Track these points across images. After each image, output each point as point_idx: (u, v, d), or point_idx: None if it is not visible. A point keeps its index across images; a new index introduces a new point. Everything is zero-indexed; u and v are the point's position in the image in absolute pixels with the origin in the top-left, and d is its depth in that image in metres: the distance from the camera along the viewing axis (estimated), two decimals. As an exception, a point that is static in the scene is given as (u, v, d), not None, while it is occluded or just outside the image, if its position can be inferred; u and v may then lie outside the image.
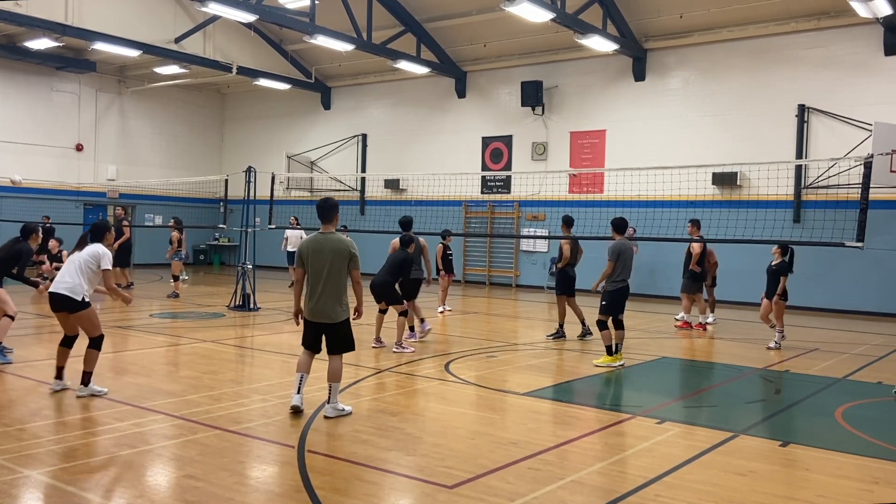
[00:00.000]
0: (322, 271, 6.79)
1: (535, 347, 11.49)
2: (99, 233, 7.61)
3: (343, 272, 6.86)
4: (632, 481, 5.27)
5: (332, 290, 6.81)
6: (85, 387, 7.33)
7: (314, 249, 6.84)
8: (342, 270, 6.85)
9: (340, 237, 6.94)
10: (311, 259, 6.84)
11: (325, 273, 6.78)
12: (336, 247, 6.82)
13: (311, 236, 7.02)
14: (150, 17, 22.01)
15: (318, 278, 6.80)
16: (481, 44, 22.33)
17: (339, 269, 6.82)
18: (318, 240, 6.89)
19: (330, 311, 6.84)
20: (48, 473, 5.11)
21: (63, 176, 25.06)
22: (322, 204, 7.01)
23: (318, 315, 6.87)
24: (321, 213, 6.98)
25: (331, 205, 7.01)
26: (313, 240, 6.92)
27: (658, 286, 19.08)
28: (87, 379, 7.35)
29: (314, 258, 6.82)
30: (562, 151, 21.73)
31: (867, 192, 10.01)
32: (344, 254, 6.82)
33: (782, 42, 18.39)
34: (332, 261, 6.79)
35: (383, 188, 24.95)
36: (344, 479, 5.21)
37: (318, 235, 6.95)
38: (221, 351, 10.32)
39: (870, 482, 5.47)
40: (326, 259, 6.78)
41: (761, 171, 17.59)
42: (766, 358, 10.90)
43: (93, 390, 7.34)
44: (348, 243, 6.89)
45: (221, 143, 30.08)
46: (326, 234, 6.92)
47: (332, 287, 6.80)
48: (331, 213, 6.98)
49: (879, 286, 16.98)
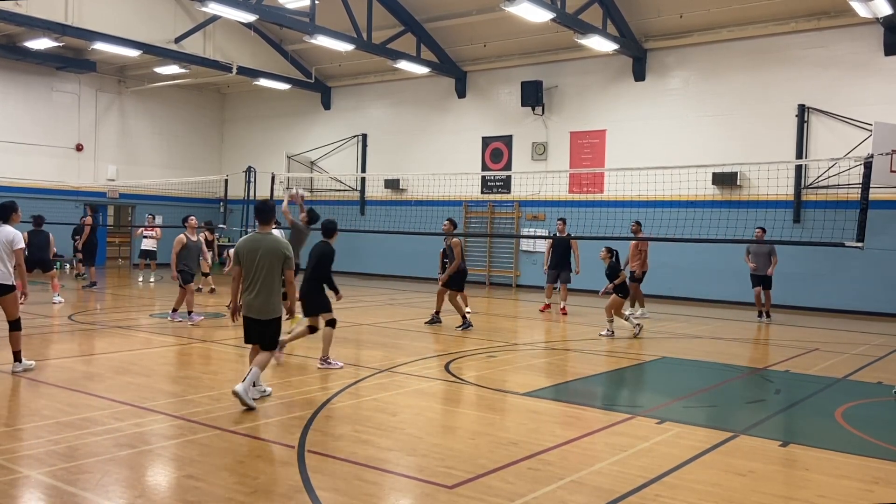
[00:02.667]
0: (255, 269, 7.09)
1: (535, 347, 11.49)
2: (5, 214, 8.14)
3: (277, 271, 7.14)
4: (632, 481, 5.27)
5: (264, 287, 7.09)
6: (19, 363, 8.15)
7: (250, 248, 7.15)
8: (276, 269, 7.13)
9: (276, 238, 7.25)
10: (247, 257, 7.14)
11: (258, 271, 7.09)
12: (271, 246, 7.12)
13: (247, 236, 7.36)
14: (150, 17, 22.00)
15: (251, 275, 7.11)
16: (481, 44, 22.33)
17: (273, 268, 7.11)
18: (255, 239, 7.21)
19: (262, 306, 7.11)
20: (48, 473, 5.11)
21: (63, 176, 25.07)
22: (260, 206, 7.35)
23: (251, 310, 7.16)
24: (259, 215, 7.31)
25: (269, 207, 7.39)
26: (250, 239, 7.25)
27: (658, 286, 19.05)
28: (18, 357, 8.16)
29: (249, 256, 7.12)
30: (562, 151, 21.73)
31: (867, 192, 10.03)
32: (278, 254, 7.11)
33: (782, 42, 18.39)
34: (266, 259, 7.08)
35: (383, 188, 24.95)
36: (344, 479, 5.21)
37: (254, 235, 7.28)
38: (221, 351, 10.32)
39: (870, 482, 5.47)
40: (261, 258, 7.08)
41: (761, 171, 17.60)
42: (766, 358, 10.90)
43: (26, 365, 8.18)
44: (284, 244, 7.18)
45: (221, 143, 30.08)
46: (263, 234, 7.22)
47: (264, 284, 7.09)
48: (268, 215, 7.32)
49: (879, 286, 16.98)
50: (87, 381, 8.05)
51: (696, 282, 18.84)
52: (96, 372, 8.60)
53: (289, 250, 7.17)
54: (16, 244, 8.01)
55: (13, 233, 8.06)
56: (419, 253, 22.48)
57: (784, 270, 18.04)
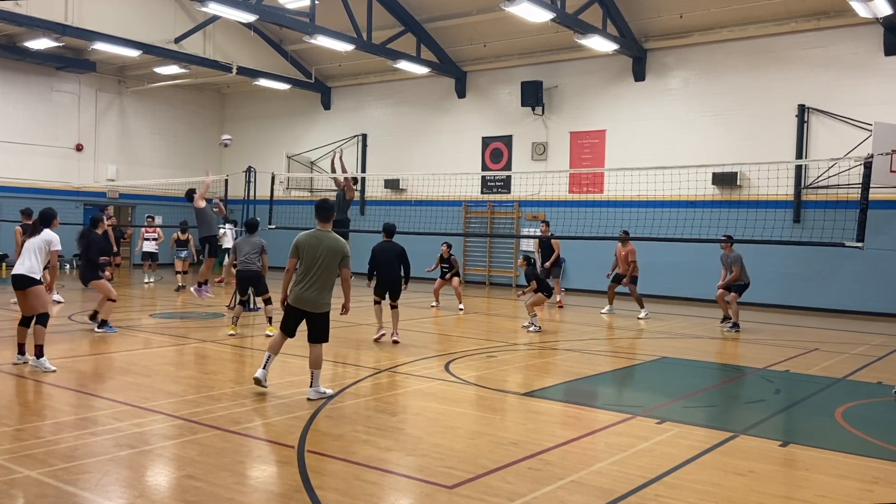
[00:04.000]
0: (315, 263, 7.35)
1: (534, 347, 11.49)
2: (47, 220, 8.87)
3: (334, 268, 7.42)
4: (632, 481, 5.27)
5: (321, 282, 7.37)
6: (37, 359, 8.34)
7: (311, 244, 7.41)
8: (333, 266, 7.40)
9: (337, 237, 7.54)
10: (308, 252, 7.39)
11: (317, 266, 7.34)
12: (332, 244, 7.41)
13: (309, 232, 7.58)
14: (150, 17, 22.01)
15: (310, 269, 7.37)
16: (481, 44, 22.33)
17: (331, 264, 7.38)
18: (317, 235, 7.48)
19: (316, 299, 7.38)
20: (48, 473, 5.11)
21: (63, 176, 25.08)
22: (321, 205, 7.63)
23: (303, 302, 7.40)
24: (320, 213, 7.59)
25: (329, 206, 7.63)
26: (311, 235, 7.51)
27: (658, 286, 19.06)
28: (40, 352, 8.35)
29: (310, 251, 7.38)
30: (562, 151, 21.73)
31: (867, 192, 10.02)
32: (338, 252, 7.41)
33: (782, 42, 18.39)
34: (326, 256, 7.36)
35: (383, 188, 24.95)
36: (344, 479, 5.21)
37: (316, 231, 7.53)
38: (221, 351, 10.32)
39: (870, 482, 5.47)
40: (321, 254, 7.35)
41: (761, 171, 17.60)
42: (766, 358, 10.90)
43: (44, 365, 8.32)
44: (344, 244, 7.50)
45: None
46: (324, 232, 7.51)
47: (321, 279, 7.37)
48: (328, 213, 7.58)
49: (879, 286, 16.98)
50: (87, 381, 8.05)
51: (696, 282, 18.83)
52: (96, 372, 8.60)
53: (348, 250, 7.49)
54: (53, 245, 8.69)
55: (52, 235, 8.79)
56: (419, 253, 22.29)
57: (784, 270, 18.09)
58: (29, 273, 8.50)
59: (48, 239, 8.71)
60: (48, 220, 8.94)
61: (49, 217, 8.99)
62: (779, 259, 17.98)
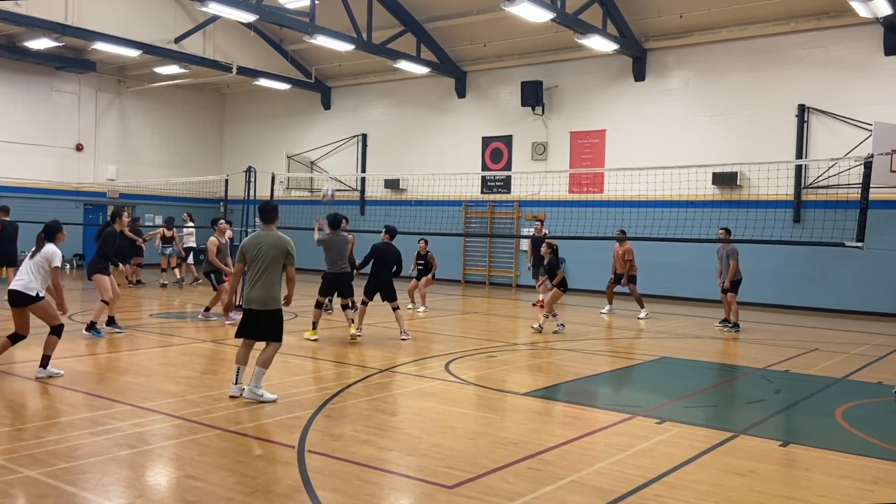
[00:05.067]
0: (257, 262, 7.36)
1: (535, 347, 11.49)
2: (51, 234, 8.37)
3: (278, 266, 7.39)
4: (632, 481, 5.27)
5: (265, 280, 7.34)
6: (44, 369, 8.08)
7: (252, 244, 7.47)
8: (277, 264, 7.37)
9: (280, 235, 7.51)
10: (249, 252, 7.44)
11: (259, 263, 7.35)
12: (273, 241, 7.41)
13: (253, 234, 7.68)
14: (150, 17, 22.01)
15: (253, 268, 7.39)
16: (481, 44, 22.33)
17: (274, 262, 7.36)
18: (258, 235, 7.55)
19: (262, 297, 7.33)
20: (48, 473, 5.11)
21: (63, 176, 25.07)
22: (262, 206, 7.67)
23: (250, 301, 7.40)
24: (262, 215, 7.61)
25: (271, 207, 7.66)
26: (253, 235, 7.60)
27: (658, 286, 19.06)
28: (45, 362, 8.09)
29: (252, 251, 7.42)
30: (562, 151, 21.73)
31: (867, 192, 10.03)
32: (280, 248, 7.38)
33: (782, 42, 18.38)
34: (267, 253, 7.35)
35: (383, 188, 24.95)
36: (344, 479, 5.21)
37: (258, 232, 7.61)
38: (221, 351, 10.32)
39: (870, 482, 5.47)
40: (262, 252, 7.37)
41: (761, 171, 17.60)
42: (766, 358, 10.90)
43: (51, 372, 8.09)
44: (286, 241, 7.46)
45: (221, 143, 30.09)
46: (266, 232, 7.53)
47: (265, 277, 7.34)
48: (269, 214, 7.60)
49: (879, 286, 16.98)
50: (87, 381, 8.05)
51: (696, 282, 18.83)
52: (96, 372, 8.60)
53: (291, 247, 7.43)
54: (53, 262, 8.16)
55: (54, 251, 8.26)
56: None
57: (784, 270, 18.09)
58: (24, 290, 7.94)
59: (48, 256, 8.14)
60: (52, 233, 8.40)
61: (53, 230, 8.43)
62: (779, 259, 17.98)
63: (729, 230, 13.95)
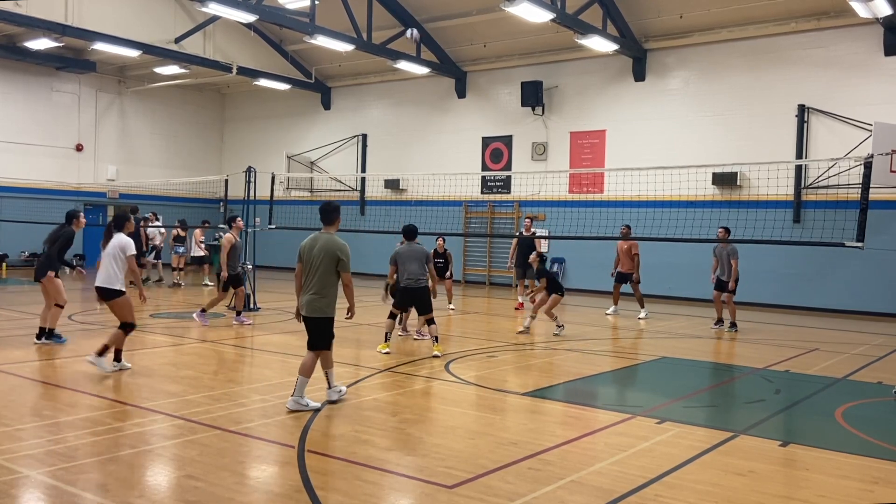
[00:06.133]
0: (311, 266, 7.15)
1: (535, 347, 11.49)
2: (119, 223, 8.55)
3: (331, 270, 7.12)
4: (632, 481, 5.27)
5: (318, 285, 7.10)
6: (98, 357, 8.26)
7: (308, 246, 7.22)
8: (330, 269, 7.12)
9: (334, 237, 7.24)
10: (305, 254, 7.21)
11: (313, 268, 7.14)
12: (325, 244, 7.14)
13: (311, 235, 7.35)
14: (150, 17, 22.01)
15: (307, 272, 7.18)
16: (481, 44, 22.33)
17: (328, 266, 7.11)
18: (314, 237, 7.27)
19: (312, 303, 7.12)
20: (48, 473, 5.11)
21: (63, 176, 25.08)
22: (322, 207, 7.40)
23: (302, 307, 7.20)
24: (322, 216, 7.36)
25: (331, 207, 7.39)
26: (310, 237, 7.30)
27: (658, 286, 19.06)
28: (102, 352, 8.28)
29: (307, 254, 7.19)
30: (562, 151, 21.73)
31: (867, 192, 10.01)
32: (331, 252, 7.11)
33: (782, 42, 18.39)
34: (320, 257, 7.10)
35: (383, 188, 24.96)
36: (344, 479, 5.21)
37: (316, 234, 7.31)
38: (221, 351, 10.32)
39: (870, 482, 5.47)
40: (316, 255, 7.12)
41: (761, 171, 17.60)
42: (766, 358, 10.90)
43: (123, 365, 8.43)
44: (339, 244, 7.16)
45: (221, 143, 30.09)
46: (322, 233, 7.28)
47: (318, 282, 7.10)
48: (329, 215, 7.34)
49: (879, 286, 16.98)
50: (87, 381, 8.04)
51: (696, 282, 18.80)
52: (96, 372, 8.59)
53: (345, 252, 7.13)
54: (127, 250, 8.38)
55: (125, 240, 8.45)
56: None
57: (784, 270, 18.09)
58: (107, 284, 8.30)
59: (122, 245, 8.36)
60: (120, 223, 8.55)
61: (121, 220, 8.58)
62: (779, 259, 17.98)
63: (728, 229, 13.91)
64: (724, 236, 13.60)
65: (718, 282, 14.05)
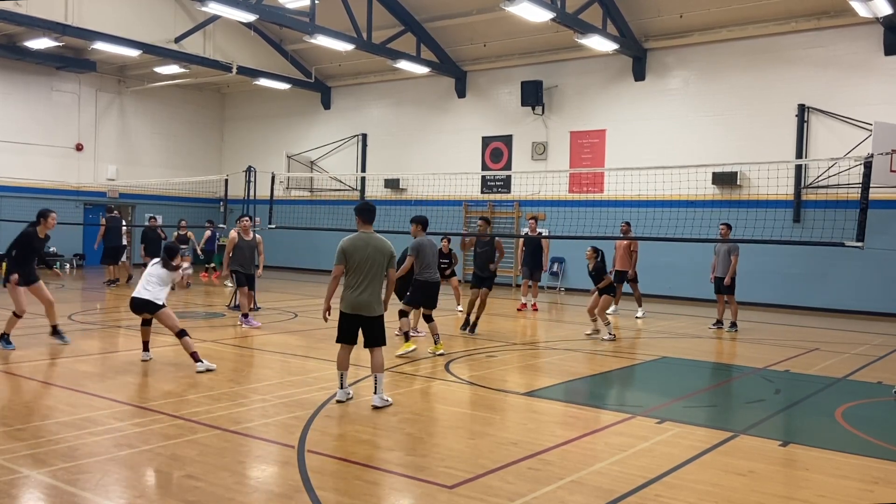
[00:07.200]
0: (366, 266, 7.21)
1: (535, 347, 11.49)
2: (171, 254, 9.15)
3: (382, 270, 7.31)
4: (632, 481, 5.27)
5: (374, 285, 7.25)
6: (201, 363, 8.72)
7: (359, 247, 7.25)
8: (382, 268, 7.30)
9: (382, 238, 7.39)
10: (356, 255, 7.22)
11: (368, 268, 7.21)
12: (378, 245, 7.31)
13: (353, 235, 7.38)
14: (150, 16, 22.00)
15: (361, 273, 7.21)
16: (481, 44, 22.32)
17: (380, 266, 7.28)
18: (363, 238, 7.31)
19: (371, 303, 7.23)
20: (48, 473, 5.11)
21: (63, 176, 25.07)
22: (364, 206, 7.51)
23: (359, 307, 7.22)
24: (363, 215, 7.44)
25: (371, 207, 7.53)
26: (357, 238, 7.33)
27: (658, 286, 19.06)
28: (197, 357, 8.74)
29: (359, 254, 7.22)
30: (562, 151, 21.72)
31: (867, 192, 10.01)
32: (386, 253, 7.31)
33: (782, 42, 18.38)
34: (375, 257, 7.23)
35: (383, 188, 24.95)
36: (344, 479, 5.22)
37: (361, 234, 7.37)
38: (221, 351, 10.32)
39: (870, 482, 5.47)
40: (370, 256, 7.22)
41: (761, 170, 17.60)
42: (766, 358, 10.90)
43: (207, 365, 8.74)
44: (389, 244, 7.37)
45: (221, 143, 30.08)
46: (369, 234, 7.37)
47: (374, 282, 7.25)
48: (371, 214, 7.48)
49: (879, 286, 16.98)
50: (87, 381, 8.05)
51: (696, 282, 18.79)
52: (96, 372, 8.60)
53: (393, 251, 7.38)
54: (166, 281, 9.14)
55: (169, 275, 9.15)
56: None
57: (784, 270, 18.09)
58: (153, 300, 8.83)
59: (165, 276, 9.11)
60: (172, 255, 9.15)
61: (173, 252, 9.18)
62: (779, 259, 17.99)
63: (730, 225, 13.91)
64: (726, 233, 13.61)
65: (717, 282, 14.03)
